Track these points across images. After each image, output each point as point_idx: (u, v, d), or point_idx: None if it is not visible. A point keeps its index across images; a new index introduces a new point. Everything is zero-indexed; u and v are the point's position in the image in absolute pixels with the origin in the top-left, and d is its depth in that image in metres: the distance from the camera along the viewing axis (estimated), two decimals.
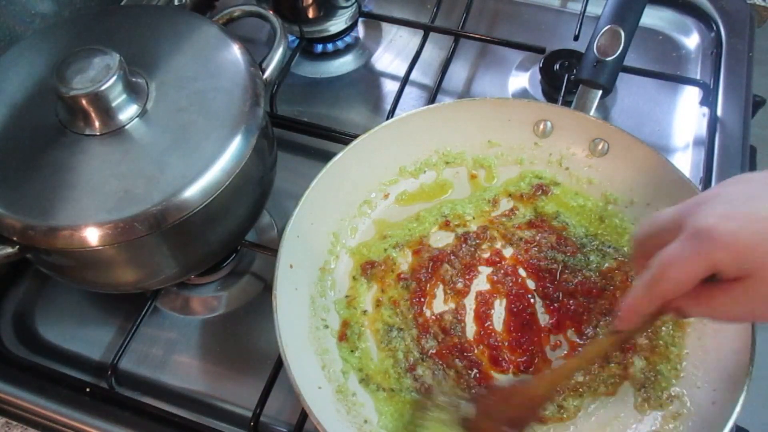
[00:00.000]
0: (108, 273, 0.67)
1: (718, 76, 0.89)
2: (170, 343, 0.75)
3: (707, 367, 0.64)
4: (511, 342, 0.69)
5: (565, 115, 0.76)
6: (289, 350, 0.61)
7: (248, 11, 0.75)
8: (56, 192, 0.60)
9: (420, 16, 1.01)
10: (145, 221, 0.59)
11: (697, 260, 0.45)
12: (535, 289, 0.72)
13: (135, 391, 0.72)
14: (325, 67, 0.99)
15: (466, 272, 0.73)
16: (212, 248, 0.70)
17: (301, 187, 0.71)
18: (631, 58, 0.87)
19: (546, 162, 0.78)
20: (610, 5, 0.78)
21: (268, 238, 0.81)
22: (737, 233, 0.43)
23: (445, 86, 0.92)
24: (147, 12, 0.77)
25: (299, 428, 0.66)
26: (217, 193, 0.62)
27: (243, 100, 0.65)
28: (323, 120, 0.89)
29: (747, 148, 0.83)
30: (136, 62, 0.66)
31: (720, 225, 0.43)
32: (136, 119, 0.64)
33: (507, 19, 1.02)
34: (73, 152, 0.62)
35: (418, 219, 0.77)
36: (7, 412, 0.70)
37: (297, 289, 0.69)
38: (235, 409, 0.71)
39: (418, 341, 0.69)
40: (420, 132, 0.77)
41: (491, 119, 0.78)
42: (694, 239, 0.45)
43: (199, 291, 0.79)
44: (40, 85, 0.67)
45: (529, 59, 0.95)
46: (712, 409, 0.60)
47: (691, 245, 0.45)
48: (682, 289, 0.47)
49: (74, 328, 0.77)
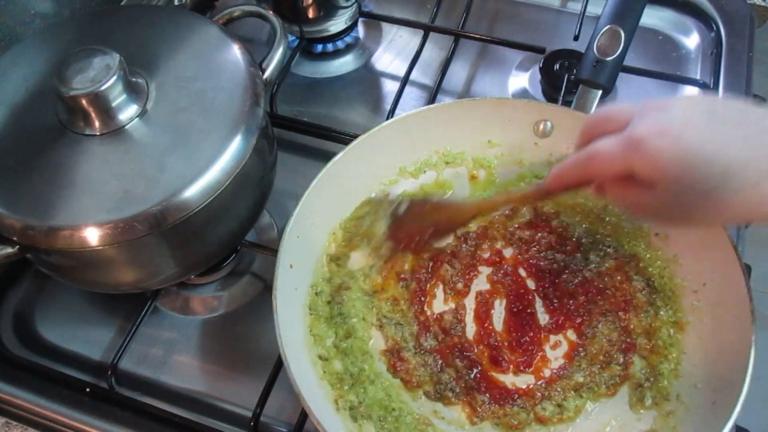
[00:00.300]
0: (108, 273, 0.66)
1: (718, 76, 0.89)
2: (170, 343, 0.75)
3: (707, 367, 0.64)
4: (511, 342, 0.69)
5: (565, 115, 0.76)
6: (289, 350, 0.61)
7: (248, 11, 0.75)
8: (56, 192, 0.60)
9: (420, 16, 1.01)
10: (145, 221, 0.59)
11: (619, 160, 0.51)
12: (535, 289, 0.72)
13: (135, 391, 0.72)
14: (325, 67, 0.99)
15: (466, 272, 0.73)
16: (212, 248, 0.70)
17: (301, 187, 0.71)
18: (631, 58, 0.87)
19: (546, 162, 0.78)
20: (610, 5, 0.78)
21: (268, 238, 0.81)
22: (660, 151, 0.48)
23: (445, 86, 0.92)
24: (147, 12, 0.77)
25: (299, 428, 0.66)
26: (217, 193, 0.62)
27: (243, 100, 0.65)
28: (323, 120, 0.89)
29: None
30: (136, 62, 0.66)
31: (650, 139, 0.48)
32: (136, 119, 0.64)
33: (507, 19, 1.02)
34: (73, 152, 0.62)
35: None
36: (7, 412, 0.70)
37: (297, 289, 0.69)
38: (235, 409, 0.71)
39: (417, 338, 0.69)
40: (420, 132, 0.77)
41: (491, 119, 0.77)
42: (625, 143, 0.50)
43: (199, 291, 0.79)
44: (40, 85, 0.67)
45: (529, 59, 0.95)
46: (712, 409, 0.60)
47: (620, 146, 0.51)
48: (601, 176, 0.54)
49: (74, 328, 0.77)
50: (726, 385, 0.60)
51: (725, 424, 0.57)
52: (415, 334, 0.70)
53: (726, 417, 0.57)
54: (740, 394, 0.57)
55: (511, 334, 0.69)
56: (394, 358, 0.68)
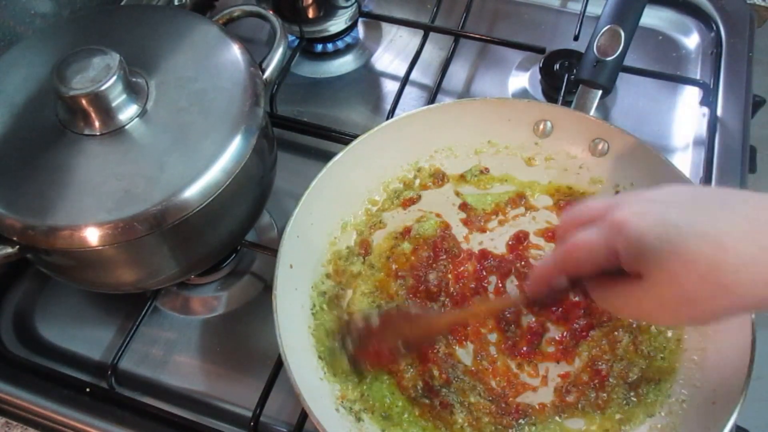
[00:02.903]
0: (108, 273, 0.66)
1: (718, 76, 0.89)
2: (170, 343, 0.75)
3: (707, 367, 0.64)
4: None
5: (565, 115, 0.76)
6: (289, 350, 0.61)
7: (248, 11, 0.75)
8: (56, 192, 0.60)
9: (420, 16, 1.01)
10: (145, 221, 0.59)
11: (603, 248, 0.47)
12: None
13: (135, 391, 0.72)
14: (325, 67, 0.99)
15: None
16: (212, 248, 0.70)
17: (301, 187, 0.71)
18: (631, 58, 0.87)
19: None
20: (610, 5, 0.78)
21: (268, 238, 0.81)
22: (642, 232, 0.44)
23: (445, 86, 0.92)
24: (147, 12, 0.77)
25: (299, 428, 0.66)
26: (217, 193, 0.62)
27: (243, 100, 0.65)
28: (323, 120, 0.89)
29: (747, 148, 0.83)
30: (136, 62, 0.66)
31: (631, 221, 0.45)
32: (136, 119, 0.64)
33: (507, 19, 1.02)
34: (73, 152, 0.62)
35: (420, 220, 0.77)
36: (7, 412, 0.70)
37: (297, 289, 0.69)
38: (235, 409, 0.71)
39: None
40: (420, 132, 0.77)
41: (491, 119, 0.77)
42: (606, 228, 0.47)
43: (199, 291, 0.79)
44: (40, 85, 0.67)
45: (529, 59, 0.95)
46: (712, 409, 0.60)
47: (601, 233, 0.47)
48: (585, 270, 0.50)
49: (74, 328, 0.77)
50: (726, 385, 0.60)
51: (725, 424, 0.57)
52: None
53: (726, 417, 0.57)
54: (740, 394, 0.57)
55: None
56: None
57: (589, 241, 0.48)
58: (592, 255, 0.48)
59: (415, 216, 0.77)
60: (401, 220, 0.77)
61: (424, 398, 0.65)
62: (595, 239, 0.48)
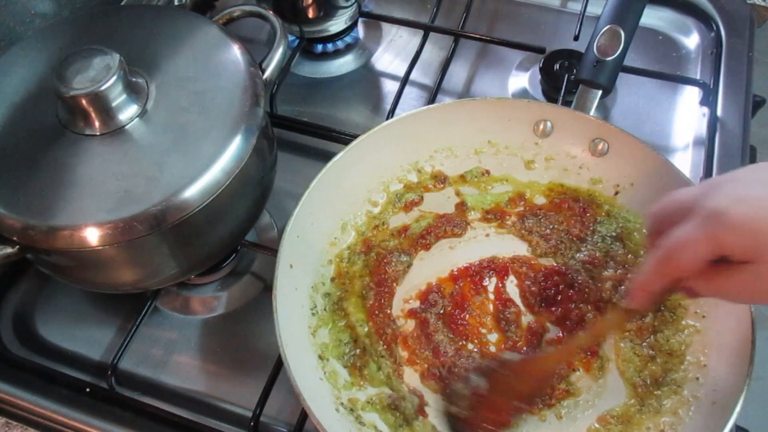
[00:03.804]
0: (108, 273, 0.66)
1: (718, 76, 0.89)
2: (170, 343, 0.75)
3: (707, 366, 0.64)
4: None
5: (565, 115, 0.76)
6: (289, 350, 0.61)
7: (248, 11, 0.75)
8: (56, 192, 0.60)
9: (420, 16, 1.01)
10: (145, 221, 0.59)
11: (706, 242, 0.45)
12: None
13: (135, 391, 0.72)
14: (325, 67, 0.99)
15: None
16: (212, 248, 0.70)
17: (301, 187, 0.71)
18: (631, 58, 0.87)
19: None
20: (610, 5, 0.78)
21: (268, 238, 0.81)
22: (748, 217, 0.43)
23: (445, 86, 0.92)
24: (147, 12, 0.77)
25: (299, 428, 0.66)
26: (217, 193, 0.62)
27: (243, 100, 0.65)
28: (323, 120, 0.89)
29: (747, 148, 0.83)
30: (136, 62, 0.66)
31: (732, 208, 0.44)
32: (136, 119, 0.64)
33: (507, 19, 1.02)
34: (73, 152, 0.62)
35: (419, 220, 0.77)
36: (7, 412, 0.70)
37: (297, 289, 0.69)
38: (235, 409, 0.71)
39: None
40: (420, 132, 0.77)
41: (491, 119, 0.78)
42: (705, 221, 0.45)
43: (199, 291, 0.79)
44: (40, 85, 0.67)
45: (529, 59, 0.95)
46: (712, 409, 0.60)
47: (701, 226, 0.45)
48: (690, 269, 0.47)
49: (74, 328, 0.77)
50: (726, 385, 0.60)
51: (725, 424, 0.57)
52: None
53: (726, 417, 0.57)
54: (740, 394, 0.57)
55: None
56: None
57: (687, 239, 0.46)
58: (694, 251, 0.46)
59: (415, 216, 0.77)
60: (401, 220, 0.77)
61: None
62: (693, 235, 0.46)
